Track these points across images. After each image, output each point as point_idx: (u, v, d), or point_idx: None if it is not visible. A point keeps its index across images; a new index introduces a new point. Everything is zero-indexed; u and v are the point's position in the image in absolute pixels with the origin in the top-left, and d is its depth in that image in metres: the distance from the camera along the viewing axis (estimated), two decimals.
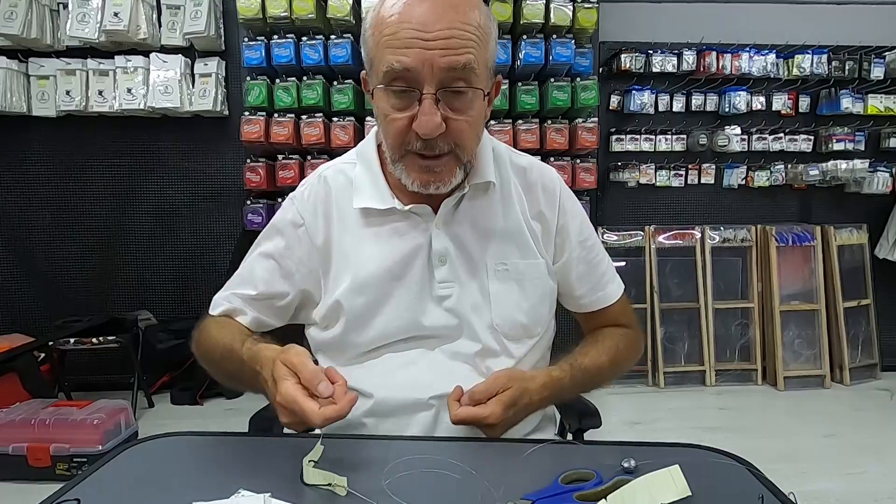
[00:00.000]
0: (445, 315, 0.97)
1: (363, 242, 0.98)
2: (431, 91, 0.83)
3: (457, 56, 0.83)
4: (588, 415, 1.10)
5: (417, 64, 0.82)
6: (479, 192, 0.99)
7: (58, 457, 2.35)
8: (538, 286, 1.01)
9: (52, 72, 3.22)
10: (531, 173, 1.04)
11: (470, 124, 0.88)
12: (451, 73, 0.83)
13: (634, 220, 3.64)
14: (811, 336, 3.57)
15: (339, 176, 1.02)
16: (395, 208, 0.96)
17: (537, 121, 3.19)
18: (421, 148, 0.87)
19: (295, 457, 0.77)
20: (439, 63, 0.82)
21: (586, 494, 0.69)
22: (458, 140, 0.88)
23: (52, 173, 3.44)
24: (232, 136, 3.28)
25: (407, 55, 0.82)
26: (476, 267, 0.98)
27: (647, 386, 3.52)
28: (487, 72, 0.89)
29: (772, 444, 2.77)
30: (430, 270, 0.97)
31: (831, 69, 3.58)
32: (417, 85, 0.84)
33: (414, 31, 0.82)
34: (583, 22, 3.08)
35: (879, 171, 3.66)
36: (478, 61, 0.85)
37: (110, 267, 3.49)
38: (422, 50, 0.82)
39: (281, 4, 2.94)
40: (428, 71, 0.82)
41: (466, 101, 0.86)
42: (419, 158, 0.88)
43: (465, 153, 0.90)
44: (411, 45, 0.82)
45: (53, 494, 0.71)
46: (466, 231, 0.98)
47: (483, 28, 0.86)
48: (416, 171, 0.89)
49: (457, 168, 0.91)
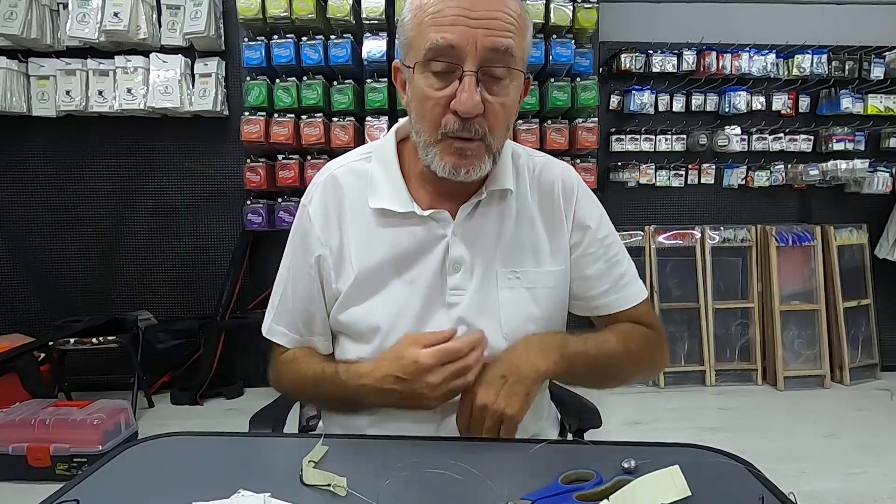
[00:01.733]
0: (451, 321, 0.96)
1: (376, 238, 0.97)
2: (473, 69, 0.84)
3: (500, 38, 0.84)
4: (588, 414, 1.10)
5: (462, 41, 0.83)
6: (495, 199, 0.99)
7: (58, 457, 2.35)
8: (552, 295, 1.00)
9: (52, 72, 3.22)
10: (548, 172, 1.04)
11: (505, 109, 0.89)
12: (493, 53, 0.84)
13: (634, 220, 3.64)
14: (811, 336, 3.57)
15: (350, 174, 1.01)
16: (415, 213, 0.96)
17: (537, 121, 3.19)
18: (457, 129, 0.87)
19: (295, 457, 0.77)
20: (483, 42, 0.83)
21: (586, 494, 0.69)
22: (492, 124, 0.88)
23: (52, 173, 3.44)
24: (232, 136, 3.29)
25: (451, 32, 0.83)
26: (487, 275, 0.97)
27: (647, 386, 3.52)
28: (524, 60, 0.91)
29: (772, 444, 2.77)
30: (443, 276, 0.96)
31: (831, 69, 3.58)
32: (459, 62, 0.84)
33: (460, 8, 0.83)
34: (583, 22, 3.08)
35: (879, 171, 3.66)
36: (517, 47, 0.87)
37: (110, 267, 3.49)
38: (466, 28, 0.83)
39: (281, 4, 2.94)
40: (471, 49, 0.84)
41: (504, 85, 0.87)
42: (454, 141, 0.88)
43: (495, 140, 0.90)
44: (456, 22, 0.83)
45: (53, 494, 0.71)
46: (482, 238, 0.98)
47: (522, 18, 0.89)
48: (450, 155, 0.89)
49: (486, 156, 0.91)
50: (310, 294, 1.01)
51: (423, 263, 0.96)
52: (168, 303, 3.50)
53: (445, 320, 0.96)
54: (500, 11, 0.85)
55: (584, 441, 0.99)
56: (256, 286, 3.40)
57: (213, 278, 3.43)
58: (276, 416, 1.09)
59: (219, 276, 3.40)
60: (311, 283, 1.01)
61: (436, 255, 0.96)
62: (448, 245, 0.96)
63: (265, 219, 3.21)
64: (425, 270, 0.96)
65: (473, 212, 0.98)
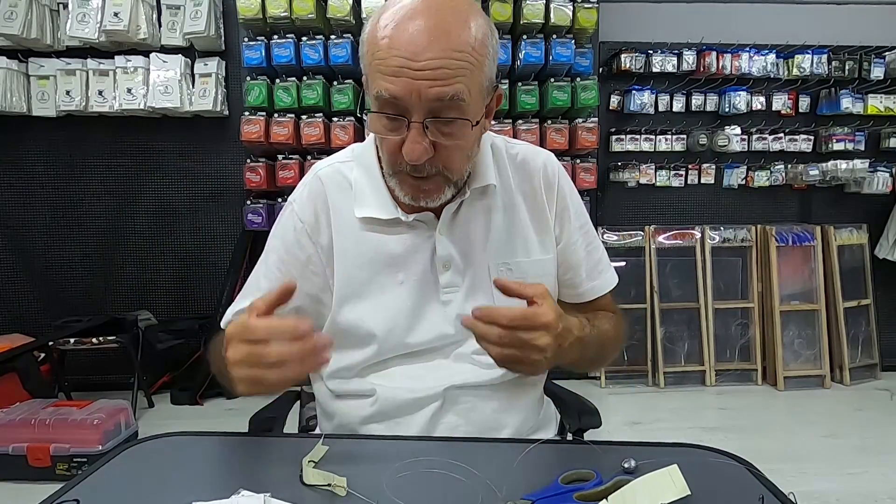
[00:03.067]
0: (448, 319, 0.96)
1: (364, 243, 0.98)
2: (418, 120, 0.83)
3: (445, 87, 0.81)
4: (588, 414, 1.10)
5: (405, 93, 0.81)
6: (480, 195, 0.99)
7: (58, 457, 2.35)
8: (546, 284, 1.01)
9: (52, 72, 3.23)
10: (529, 161, 1.04)
11: (459, 149, 0.88)
12: (438, 102, 0.82)
13: (634, 220, 3.64)
14: (811, 336, 3.57)
15: (335, 175, 1.01)
16: (400, 219, 0.96)
17: (537, 121, 3.19)
18: (410, 170, 0.87)
19: (295, 457, 0.77)
20: (427, 94, 0.81)
21: (586, 494, 0.69)
22: (447, 164, 0.88)
23: (52, 173, 3.44)
24: (232, 136, 3.28)
25: (395, 84, 0.81)
26: (479, 269, 0.98)
27: (647, 386, 3.52)
28: (481, 96, 0.88)
29: (772, 444, 2.77)
30: (434, 275, 0.97)
31: (831, 69, 3.58)
32: (405, 113, 0.83)
33: (402, 59, 0.80)
34: (583, 22, 3.08)
35: (879, 171, 3.66)
36: (469, 90, 0.83)
37: (110, 267, 3.49)
38: (409, 80, 0.80)
39: (281, 4, 2.94)
40: (416, 100, 0.81)
41: (456, 128, 0.85)
42: (409, 178, 0.89)
43: (453, 174, 0.90)
44: (399, 73, 0.81)
45: (53, 494, 0.71)
46: (469, 234, 0.98)
47: (477, 50, 0.83)
48: (407, 187, 0.90)
49: (446, 186, 0.91)
50: (306, 290, 0.98)
51: (413, 265, 0.97)
52: (168, 303, 3.50)
53: (441, 319, 0.96)
54: (445, 58, 0.80)
55: (584, 441, 0.99)
56: None
57: (213, 278, 3.43)
58: (275, 416, 1.09)
59: (219, 276, 3.41)
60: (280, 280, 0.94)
61: (424, 255, 0.97)
62: (434, 244, 0.96)
63: (265, 219, 3.21)
64: (415, 272, 0.97)
65: (458, 210, 0.98)
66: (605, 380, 3.53)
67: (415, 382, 0.96)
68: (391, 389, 0.96)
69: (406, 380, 0.97)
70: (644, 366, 3.53)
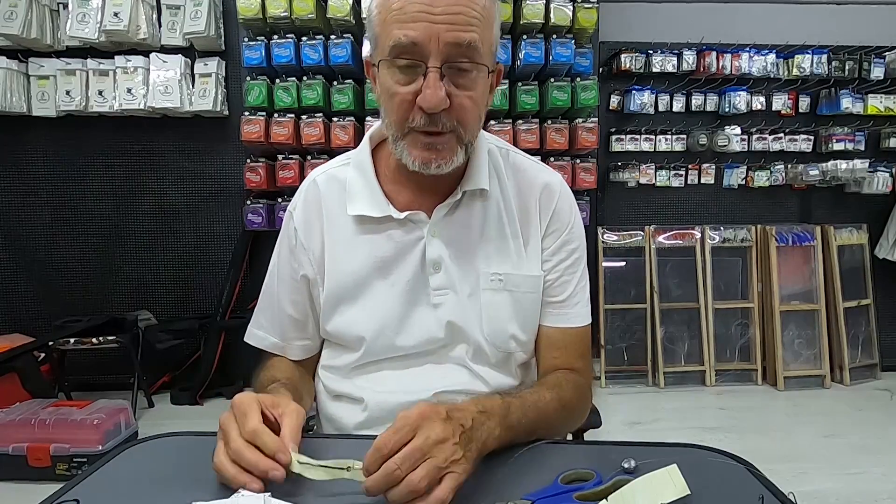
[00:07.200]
0: (439, 322, 0.96)
1: (355, 245, 0.98)
2: (436, 65, 0.83)
3: (462, 32, 0.83)
4: (588, 415, 1.10)
5: (424, 38, 0.82)
6: (473, 199, 0.98)
7: (58, 457, 2.35)
8: (533, 300, 0.99)
9: (52, 72, 3.22)
10: (529, 174, 1.03)
11: (473, 101, 0.88)
12: (456, 48, 0.83)
13: (634, 220, 3.64)
14: (811, 336, 3.57)
15: (331, 181, 1.02)
16: (391, 216, 0.96)
17: (537, 121, 3.19)
18: (424, 124, 0.86)
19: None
20: (445, 38, 0.83)
21: (586, 494, 0.69)
22: (461, 117, 0.87)
23: (52, 173, 3.44)
24: (232, 136, 3.29)
25: (414, 29, 0.82)
26: (470, 275, 0.97)
27: (647, 386, 3.52)
28: (491, 52, 0.89)
29: (772, 444, 2.77)
30: (424, 277, 0.96)
31: (831, 69, 3.58)
32: (423, 59, 0.84)
33: (421, 5, 0.82)
34: (583, 22, 3.08)
35: (879, 171, 3.66)
36: (482, 40, 0.85)
37: (110, 267, 3.49)
38: (428, 24, 0.82)
39: (281, 4, 2.94)
40: (434, 45, 0.83)
41: (470, 78, 0.86)
42: (422, 136, 0.88)
43: (467, 132, 0.89)
44: (418, 18, 0.82)
45: (53, 494, 0.71)
46: (461, 237, 0.97)
47: (488, 9, 0.87)
48: (419, 149, 0.88)
49: (458, 147, 0.90)
50: (293, 300, 1.03)
51: (403, 266, 0.97)
52: (168, 303, 3.50)
53: (432, 321, 0.96)
54: (462, 6, 0.83)
55: (584, 441, 0.99)
56: (256, 286, 3.35)
57: (213, 278, 3.44)
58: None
59: (219, 276, 3.41)
60: (296, 290, 1.02)
61: (414, 256, 0.96)
62: (425, 245, 0.96)
63: (265, 219, 3.21)
64: (405, 272, 0.96)
65: (451, 212, 0.97)
66: (605, 380, 3.53)
67: (404, 386, 0.96)
68: (381, 394, 0.96)
69: (396, 384, 0.96)
70: (644, 366, 3.53)
